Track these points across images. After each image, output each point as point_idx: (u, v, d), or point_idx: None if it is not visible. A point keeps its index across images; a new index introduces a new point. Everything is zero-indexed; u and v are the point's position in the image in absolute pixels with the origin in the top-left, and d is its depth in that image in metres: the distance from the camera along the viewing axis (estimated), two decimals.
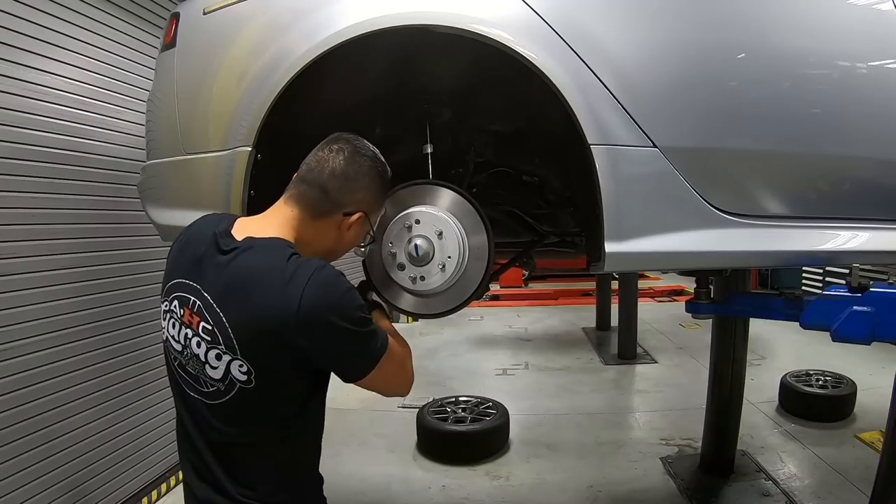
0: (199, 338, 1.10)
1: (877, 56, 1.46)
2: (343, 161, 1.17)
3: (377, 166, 1.22)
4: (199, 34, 1.62)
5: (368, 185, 1.20)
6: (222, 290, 1.08)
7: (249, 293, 1.06)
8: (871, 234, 1.51)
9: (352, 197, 1.18)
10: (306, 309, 1.03)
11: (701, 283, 2.19)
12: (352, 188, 1.18)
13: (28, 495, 2.41)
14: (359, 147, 1.21)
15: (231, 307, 1.07)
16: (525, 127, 1.81)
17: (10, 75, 2.37)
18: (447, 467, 3.56)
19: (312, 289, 1.04)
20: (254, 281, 1.06)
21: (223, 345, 1.07)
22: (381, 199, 1.28)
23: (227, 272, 1.09)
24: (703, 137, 1.42)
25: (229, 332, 1.06)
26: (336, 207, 1.17)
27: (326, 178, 1.16)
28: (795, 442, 3.75)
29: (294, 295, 1.03)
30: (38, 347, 2.50)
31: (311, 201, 1.17)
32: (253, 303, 1.05)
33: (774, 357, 5.63)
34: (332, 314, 1.05)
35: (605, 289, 7.29)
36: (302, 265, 1.07)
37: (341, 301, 1.07)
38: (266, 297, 1.04)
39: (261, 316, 1.04)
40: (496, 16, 1.36)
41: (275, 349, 1.05)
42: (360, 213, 1.20)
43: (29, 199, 2.48)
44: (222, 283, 1.08)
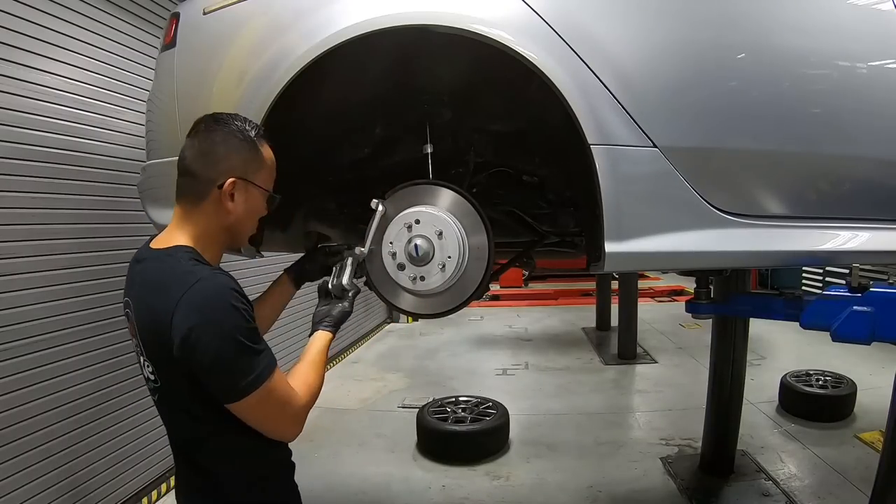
0: (134, 343, 1.20)
1: (877, 56, 1.46)
2: (198, 141, 1.19)
3: (232, 129, 1.20)
4: (199, 34, 1.62)
5: (227, 151, 1.18)
6: (135, 299, 1.18)
7: (147, 301, 1.13)
8: (871, 234, 1.51)
9: (215, 168, 1.17)
10: (178, 319, 1.04)
11: (701, 283, 2.19)
12: (211, 160, 1.17)
13: (28, 495, 2.41)
14: (210, 122, 1.20)
15: (139, 314, 1.15)
16: (525, 127, 1.81)
17: (10, 75, 2.37)
18: (447, 467, 3.56)
19: (190, 298, 1.05)
20: (149, 289, 1.13)
21: (140, 346, 1.17)
22: (253, 159, 1.21)
23: (137, 283, 1.19)
24: (703, 137, 1.42)
25: (139, 335, 1.15)
26: (208, 184, 1.17)
27: (189, 163, 1.18)
28: (795, 442, 3.75)
29: (172, 302, 1.06)
30: (38, 347, 2.50)
31: (187, 190, 1.19)
32: (147, 309, 1.12)
33: (774, 357, 5.64)
34: (204, 329, 1.04)
35: (605, 289, 7.29)
36: (187, 275, 1.09)
37: (217, 320, 1.05)
38: (154, 305, 1.10)
39: (150, 322, 1.10)
40: (496, 16, 1.36)
41: (162, 353, 1.09)
42: (232, 179, 1.17)
43: (29, 199, 2.48)
44: (134, 293, 1.19)
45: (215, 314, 1.05)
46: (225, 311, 1.06)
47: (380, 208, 1.47)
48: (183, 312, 1.04)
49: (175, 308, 1.05)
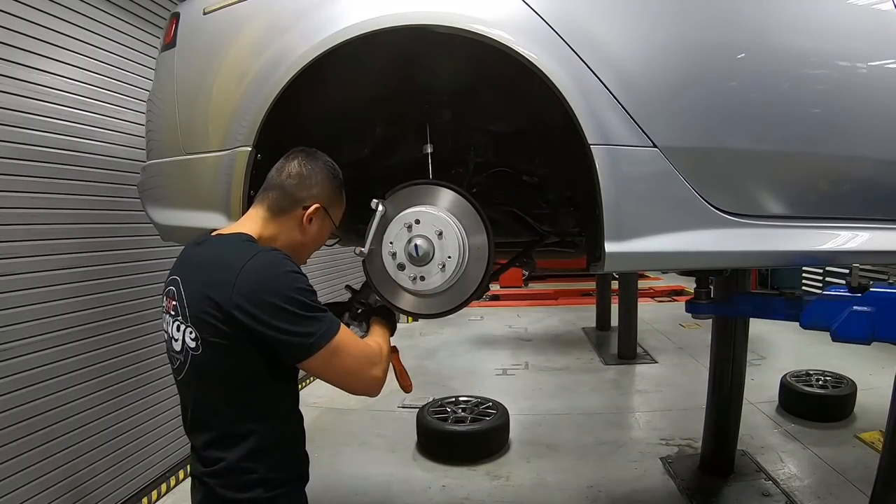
0: (169, 316, 1.26)
1: (877, 56, 1.46)
2: (298, 164, 1.32)
3: (328, 166, 1.35)
4: (199, 34, 1.62)
5: (321, 181, 1.33)
6: (188, 273, 1.25)
7: (203, 271, 1.21)
8: (871, 234, 1.51)
9: (308, 192, 1.31)
10: (242, 283, 1.13)
11: (701, 283, 2.19)
12: (306, 184, 1.31)
13: (28, 495, 2.41)
14: (310, 153, 1.35)
15: (190, 283, 1.22)
16: (525, 127, 1.81)
17: (10, 75, 2.37)
18: (447, 467, 3.56)
19: (251, 266, 1.15)
20: (208, 262, 1.22)
21: (181, 315, 1.21)
22: (336, 196, 1.37)
23: (195, 259, 1.26)
24: (703, 137, 1.42)
25: (185, 302, 1.21)
26: (294, 203, 1.30)
27: (284, 179, 1.31)
28: (795, 442, 3.75)
29: (234, 270, 1.15)
30: (38, 347, 2.50)
31: (273, 201, 1.31)
32: (203, 278, 1.20)
33: (774, 357, 5.63)
34: (267, 290, 1.13)
35: (605, 289, 7.29)
36: (250, 248, 1.20)
37: (279, 279, 1.15)
38: (213, 273, 1.18)
39: (205, 286, 1.17)
40: (496, 15, 1.36)
41: (215, 318, 1.15)
42: (316, 205, 1.31)
43: (29, 199, 2.48)
44: (189, 268, 1.26)
45: (278, 277, 1.16)
46: (286, 274, 1.17)
47: (380, 208, 1.47)
48: (247, 278, 1.13)
49: (238, 274, 1.13)
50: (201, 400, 1.24)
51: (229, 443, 1.20)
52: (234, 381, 1.19)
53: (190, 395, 1.26)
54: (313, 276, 5.55)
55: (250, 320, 1.12)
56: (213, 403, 1.22)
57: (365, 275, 1.56)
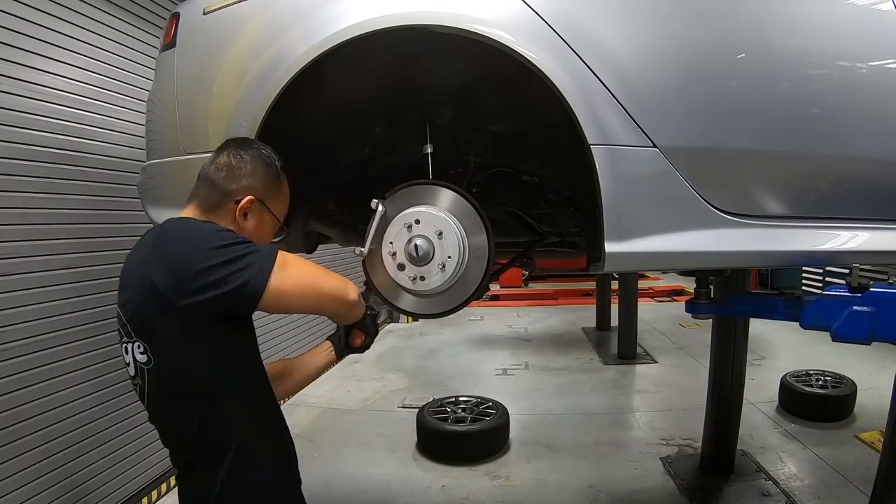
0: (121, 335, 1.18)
1: (877, 56, 1.46)
2: (227, 154, 1.25)
3: (261, 154, 1.27)
4: (199, 34, 1.62)
5: (253, 171, 1.24)
6: (123, 281, 1.20)
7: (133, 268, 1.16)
8: (871, 234, 1.51)
9: (237, 184, 1.23)
10: (159, 248, 1.09)
11: (701, 283, 2.19)
12: (236, 175, 1.23)
13: (28, 495, 2.41)
14: (241, 141, 1.29)
15: (125, 290, 1.17)
16: (525, 127, 1.81)
17: (10, 75, 2.37)
18: (447, 467, 3.56)
19: (164, 231, 1.11)
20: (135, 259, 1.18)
21: (125, 334, 1.15)
22: (272, 186, 1.28)
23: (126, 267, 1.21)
24: (703, 137, 1.42)
25: (122, 316, 1.15)
26: (225, 197, 1.22)
27: (212, 171, 1.24)
28: (795, 442, 3.75)
29: (144, 257, 1.11)
30: (38, 347, 2.50)
31: (203, 195, 1.24)
32: (134, 273, 1.15)
33: (774, 357, 5.63)
34: (187, 241, 1.08)
35: (605, 289, 7.29)
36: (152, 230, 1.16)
37: (203, 235, 1.09)
38: (141, 264, 1.12)
39: (138, 281, 1.11)
40: (496, 16, 1.36)
41: (152, 310, 1.08)
42: (250, 197, 1.22)
43: (29, 199, 2.48)
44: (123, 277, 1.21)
45: (202, 234, 1.09)
46: (208, 230, 1.11)
47: (380, 208, 1.47)
48: (163, 239, 1.09)
49: (150, 250, 1.09)
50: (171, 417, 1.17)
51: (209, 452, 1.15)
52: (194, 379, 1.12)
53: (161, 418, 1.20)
54: None
55: (189, 286, 1.04)
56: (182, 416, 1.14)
57: (365, 275, 1.56)
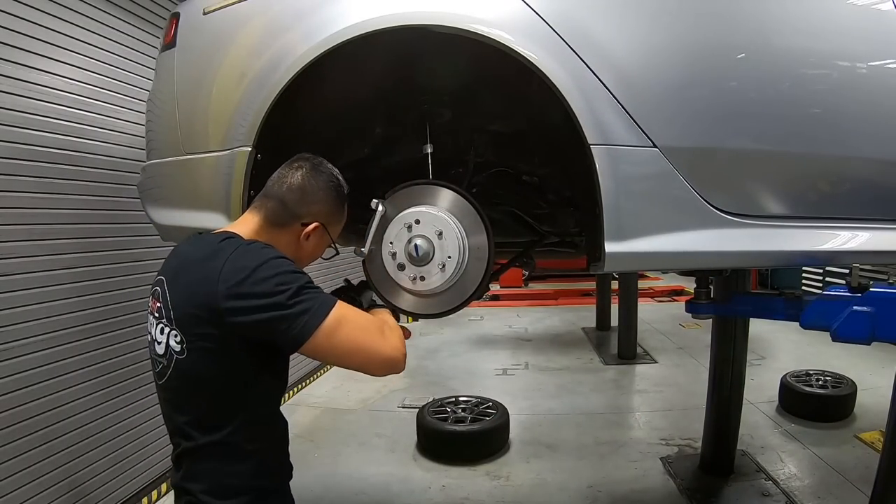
0: (153, 317, 1.21)
1: (877, 56, 1.46)
2: (301, 176, 1.26)
3: (333, 182, 1.29)
4: (199, 34, 1.62)
5: (324, 199, 1.27)
6: (173, 274, 1.21)
7: (186, 270, 1.17)
8: (871, 234, 1.51)
9: (308, 209, 1.26)
10: (225, 277, 1.08)
11: (701, 283, 2.19)
12: (308, 200, 1.26)
13: (28, 495, 2.41)
14: (316, 164, 1.29)
15: (174, 284, 1.18)
16: (525, 127, 1.81)
17: (10, 75, 2.37)
18: (447, 467, 3.56)
19: (233, 257, 1.11)
20: (192, 261, 1.18)
21: (165, 318, 1.17)
22: (338, 213, 1.32)
23: (179, 260, 1.23)
24: (703, 137, 1.42)
25: (169, 304, 1.16)
26: (293, 218, 1.25)
27: (285, 192, 1.25)
28: (795, 442, 3.75)
29: (217, 266, 1.11)
30: (38, 347, 2.50)
31: (271, 212, 1.25)
32: (187, 276, 1.16)
33: (774, 357, 5.63)
34: (250, 278, 1.08)
35: (605, 289, 7.29)
36: (232, 242, 1.16)
37: (261, 266, 1.09)
38: (196, 271, 1.14)
39: (190, 284, 1.13)
40: (496, 16, 1.36)
41: (201, 319, 1.10)
42: (316, 224, 1.26)
43: (29, 199, 2.48)
44: (174, 269, 1.22)
45: (263, 262, 1.10)
46: (271, 260, 1.11)
47: (380, 208, 1.47)
48: (233, 266, 1.09)
49: (224, 264, 1.10)
50: (184, 405, 1.18)
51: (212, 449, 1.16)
52: (219, 384, 1.14)
53: (172, 401, 1.21)
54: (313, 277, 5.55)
55: (240, 315, 1.07)
56: (195, 409, 1.17)
57: (365, 275, 1.56)
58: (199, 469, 1.17)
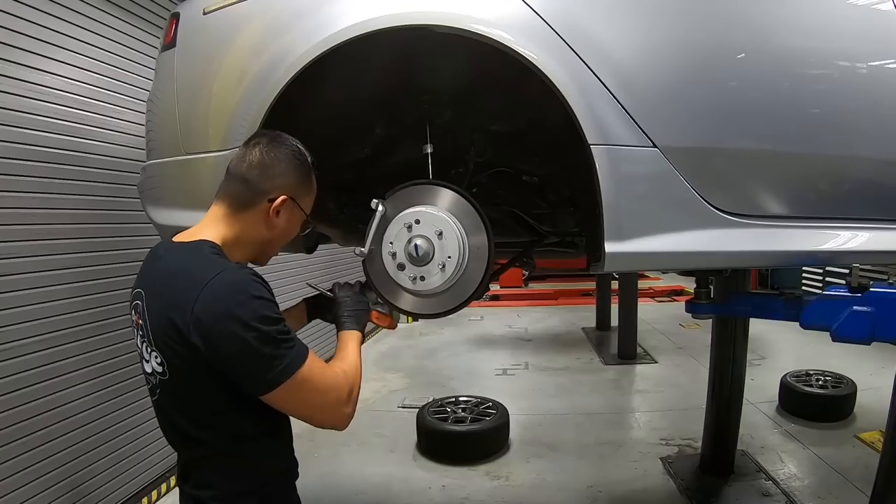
0: (139, 333, 1.18)
1: (877, 56, 1.46)
2: (259, 151, 1.21)
3: (294, 151, 1.25)
4: (199, 34, 1.62)
5: (287, 170, 1.22)
6: (150, 288, 1.16)
7: (165, 289, 1.12)
8: (871, 234, 1.51)
9: (272, 182, 1.20)
10: (200, 308, 1.03)
11: (701, 283, 2.19)
12: (270, 174, 1.20)
13: (28, 495, 2.41)
14: (274, 137, 1.25)
15: (152, 302, 1.14)
16: (525, 127, 1.81)
17: (10, 75, 2.37)
18: (447, 467, 3.56)
19: (211, 289, 1.05)
20: (170, 276, 1.13)
21: (146, 337, 1.14)
22: (305, 184, 1.27)
23: (156, 272, 1.18)
24: (703, 137, 1.42)
25: (149, 324, 1.13)
26: (259, 195, 1.20)
27: (245, 169, 1.20)
28: (795, 442, 3.75)
29: (194, 291, 1.05)
30: (38, 347, 2.50)
31: (235, 194, 1.21)
32: (165, 298, 1.10)
33: (774, 357, 5.64)
34: (227, 317, 1.03)
35: (605, 289, 7.29)
36: (214, 264, 1.10)
37: (242, 307, 1.04)
38: (174, 291, 1.09)
39: (167, 309, 1.09)
40: (496, 16, 1.36)
41: (176, 343, 1.07)
42: (283, 197, 1.21)
43: (29, 199, 2.48)
44: (151, 282, 1.17)
45: (239, 304, 1.04)
46: (249, 301, 1.05)
47: (380, 208, 1.47)
48: (206, 301, 1.03)
49: (198, 296, 1.04)
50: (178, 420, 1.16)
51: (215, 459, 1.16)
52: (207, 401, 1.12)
53: (166, 415, 1.19)
54: (313, 277, 5.55)
55: (207, 349, 1.03)
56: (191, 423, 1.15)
57: (365, 275, 1.56)
58: (206, 478, 1.17)
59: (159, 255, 1.21)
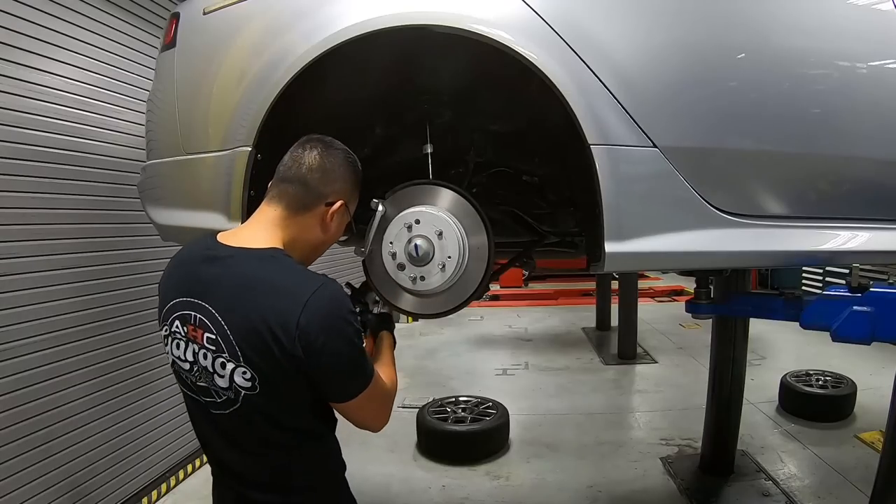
0: (205, 349, 1.12)
1: (877, 56, 1.46)
2: (318, 155, 1.22)
3: (349, 157, 1.27)
4: (199, 34, 1.62)
5: (344, 175, 1.25)
6: (224, 298, 1.11)
7: (252, 300, 1.08)
8: (871, 234, 1.51)
9: (331, 187, 1.22)
10: (305, 321, 1.05)
11: (701, 283, 2.19)
12: (330, 178, 1.22)
13: (28, 495, 2.41)
14: (329, 143, 1.26)
15: (234, 314, 1.09)
16: (525, 127, 1.81)
17: (10, 75, 2.37)
18: (447, 467, 3.56)
19: (317, 302, 1.07)
20: (255, 289, 1.10)
21: (227, 353, 1.09)
22: (356, 189, 1.30)
23: (226, 280, 1.12)
24: (703, 137, 1.42)
25: (231, 339, 1.08)
26: (318, 199, 1.21)
27: (305, 172, 1.20)
28: (795, 442, 3.75)
29: (297, 304, 1.06)
30: (38, 347, 2.50)
31: (294, 197, 1.20)
32: (255, 310, 1.07)
33: (774, 357, 5.63)
34: (331, 332, 1.08)
35: (605, 289, 7.29)
36: (308, 277, 1.13)
37: (343, 322, 1.10)
38: (269, 305, 1.07)
39: (262, 322, 1.06)
40: (496, 16, 1.36)
41: (274, 357, 1.06)
42: (341, 202, 1.23)
43: (29, 199, 2.48)
44: (223, 291, 1.11)
45: (342, 320, 1.10)
46: (348, 318, 1.11)
47: (380, 208, 1.47)
48: (311, 316, 1.06)
49: (302, 311, 1.05)
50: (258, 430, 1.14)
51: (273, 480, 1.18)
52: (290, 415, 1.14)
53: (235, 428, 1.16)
54: None
55: (309, 360, 1.06)
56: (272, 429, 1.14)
57: (365, 275, 1.56)
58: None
59: (215, 262, 1.15)
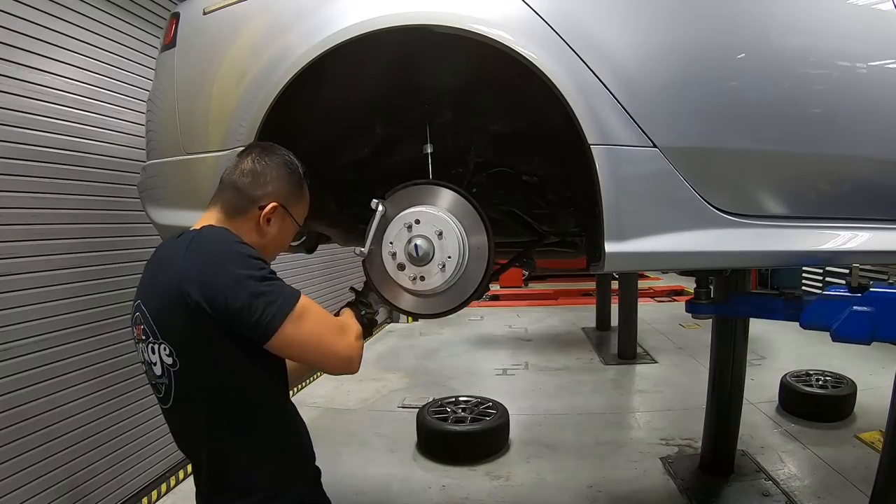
0: (141, 343, 1.19)
1: (877, 56, 1.46)
2: (251, 160, 1.26)
3: (284, 160, 1.29)
4: (199, 34, 1.62)
5: (278, 177, 1.26)
6: (147, 287, 1.21)
7: (156, 280, 1.17)
8: (871, 234, 1.51)
9: (263, 190, 1.24)
10: (187, 268, 1.09)
11: (701, 283, 2.19)
12: (261, 181, 1.24)
13: (28, 495, 2.41)
14: (266, 147, 1.29)
15: (149, 301, 1.17)
16: (525, 127, 1.81)
17: (10, 75, 2.37)
18: (447, 467, 3.56)
19: (192, 248, 1.11)
20: (158, 269, 1.19)
21: (151, 336, 1.15)
22: (296, 192, 1.30)
23: (149, 270, 1.24)
24: (703, 137, 1.42)
25: (150, 320, 1.15)
26: (250, 203, 1.24)
27: (237, 177, 1.25)
28: (795, 442, 3.75)
29: (177, 261, 1.11)
30: (38, 347, 2.50)
31: (228, 202, 1.25)
32: (156, 287, 1.16)
33: (774, 357, 5.63)
34: (214, 266, 1.08)
35: (605, 289, 7.29)
36: (188, 234, 1.17)
37: (229, 249, 1.11)
38: (161, 277, 1.15)
39: (161, 286, 1.13)
40: (496, 16, 1.36)
41: (180, 318, 1.09)
42: (274, 204, 1.24)
43: (29, 199, 2.48)
44: (146, 280, 1.23)
45: (223, 250, 1.11)
46: (235, 246, 1.12)
47: (380, 208, 1.47)
48: (192, 260, 1.09)
49: (183, 259, 1.10)
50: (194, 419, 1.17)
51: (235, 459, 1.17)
52: (220, 385, 1.14)
53: (182, 418, 1.20)
54: (313, 277, 5.56)
55: (208, 305, 1.06)
56: (207, 419, 1.16)
57: (365, 275, 1.56)
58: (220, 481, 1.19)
59: (152, 259, 1.26)
